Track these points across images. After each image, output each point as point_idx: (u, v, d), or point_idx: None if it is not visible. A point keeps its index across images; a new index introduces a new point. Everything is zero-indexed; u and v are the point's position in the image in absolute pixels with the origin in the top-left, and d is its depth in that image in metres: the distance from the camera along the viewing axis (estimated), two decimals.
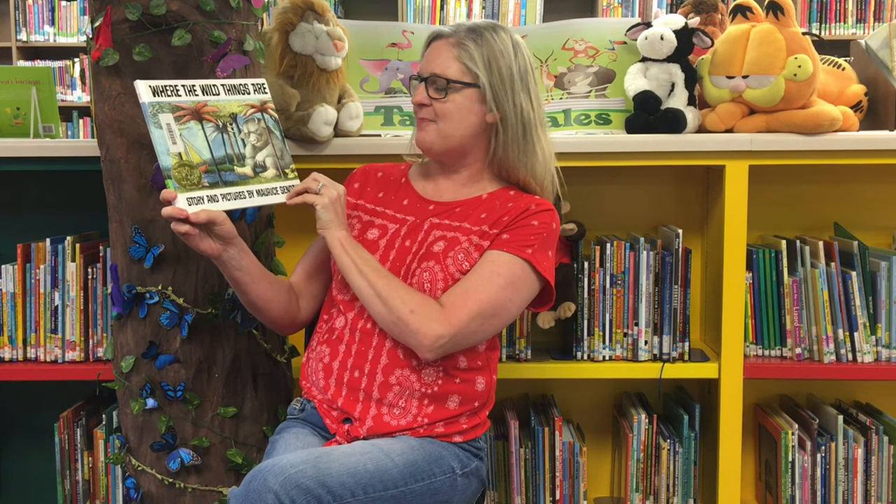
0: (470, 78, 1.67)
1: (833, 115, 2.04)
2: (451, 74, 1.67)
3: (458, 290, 1.61)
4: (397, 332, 1.59)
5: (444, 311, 1.58)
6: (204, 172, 1.57)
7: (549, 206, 1.70)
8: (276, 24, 2.00)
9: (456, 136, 1.69)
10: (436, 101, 1.67)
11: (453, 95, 1.67)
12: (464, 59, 1.67)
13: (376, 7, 5.27)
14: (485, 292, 1.60)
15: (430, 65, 1.69)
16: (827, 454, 2.14)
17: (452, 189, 1.75)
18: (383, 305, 1.58)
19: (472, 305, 1.59)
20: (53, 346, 2.14)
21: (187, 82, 1.60)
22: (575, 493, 2.17)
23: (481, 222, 1.68)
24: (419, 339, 1.57)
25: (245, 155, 1.63)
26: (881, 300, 2.12)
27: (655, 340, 2.13)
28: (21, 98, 2.44)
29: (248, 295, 1.68)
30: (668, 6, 5.16)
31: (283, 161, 1.67)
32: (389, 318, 1.59)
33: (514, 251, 1.63)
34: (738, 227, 2.08)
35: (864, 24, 5.19)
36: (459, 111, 1.68)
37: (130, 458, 1.92)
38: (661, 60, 2.12)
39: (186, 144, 1.56)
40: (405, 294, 1.59)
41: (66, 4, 5.55)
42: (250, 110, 1.61)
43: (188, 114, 1.57)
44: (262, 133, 1.63)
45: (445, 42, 1.70)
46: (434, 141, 1.69)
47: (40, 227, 2.29)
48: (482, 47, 1.67)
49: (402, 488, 1.54)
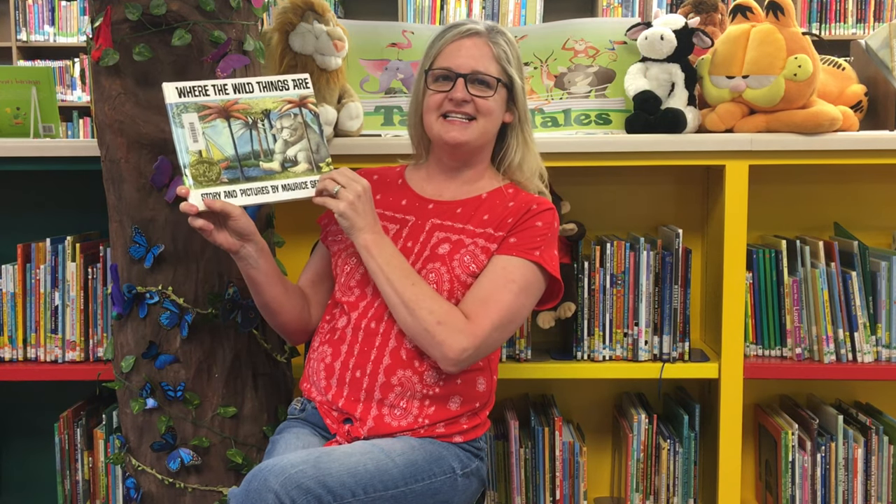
0: (506, 78, 1.70)
1: (833, 114, 2.04)
2: (494, 73, 1.69)
3: (476, 300, 1.61)
4: (423, 342, 1.59)
5: (469, 322, 1.59)
6: (224, 168, 1.58)
7: (550, 205, 1.71)
8: (276, 24, 2.00)
9: (489, 133, 1.72)
10: (478, 98, 1.68)
11: (495, 94, 1.69)
12: (502, 60, 1.70)
13: (376, 7, 5.27)
14: (503, 301, 1.61)
15: (471, 61, 1.68)
16: (827, 454, 2.14)
17: (453, 188, 1.76)
18: (409, 315, 1.58)
19: (493, 315, 1.60)
20: (53, 346, 2.14)
21: (219, 82, 1.62)
22: (575, 493, 2.17)
23: (485, 224, 1.69)
24: (444, 351, 1.57)
25: (274, 150, 1.62)
26: (881, 300, 2.12)
27: (655, 340, 2.13)
28: (21, 98, 2.44)
29: (262, 296, 1.69)
30: (668, 6, 5.16)
31: (317, 155, 1.66)
32: (415, 328, 1.58)
33: (523, 255, 1.64)
34: (738, 227, 2.08)
35: (864, 24, 5.19)
36: (498, 109, 1.71)
37: (130, 458, 1.92)
38: (661, 60, 2.12)
39: (209, 142, 1.57)
40: (432, 304, 1.58)
41: (66, 4, 5.55)
42: (287, 105, 1.61)
43: (214, 112, 1.59)
44: (298, 128, 1.62)
45: (482, 40, 1.70)
46: (473, 138, 1.70)
47: (40, 227, 2.29)
48: (511, 48, 1.72)
49: (403, 488, 1.54)
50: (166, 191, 1.81)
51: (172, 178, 1.81)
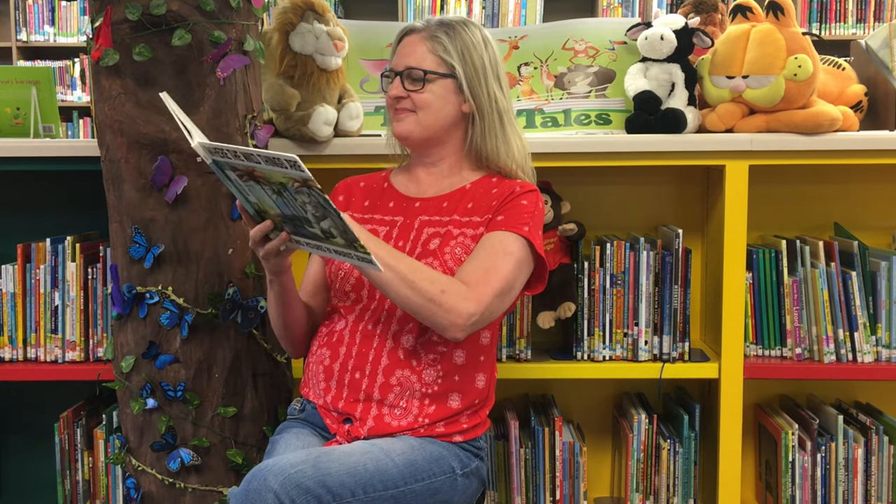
0: (445, 69, 1.70)
1: (833, 115, 2.04)
2: (427, 66, 1.70)
3: (477, 269, 1.60)
4: (428, 313, 1.56)
5: (471, 289, 1.58)
6: (282, 222, 1.53)
7: (533, 188, 1.73)
8: (276, 24, 2.00)
9: (434, 125, 1.72)
10: (413, 93, 1.70)
11: (430, 86, 1.70)
12: (438, 52, 1.70)
13: (376, 7, 5.27)
14: (503, 270, 1.61)
15: (405, 59, 1.72)
16: (827, 454, 2.14)
17: (434, 183, 1.77)
18: (410, 289, 1.55)
19: (495, 283, 1.59)
20: (53, 346, 2.14)
21: (230, 147, 1.46)
22: (575, 493, 2.17)
23: (470, 213, 1.70)
24: (452, 318, 1.55)
25: (310, 220, 1.49)
26: (881, 300, 2.12)
27: (655, 340, 2.13)
28: (21, 98, 2.44)
29: (285, 317, 1.72)
30: (668, 6, 5.16)
31: (347, 236, 1.48)
32: (419, 301, 1.55)
33: (512, 229, 1.65)
34: (738, 227, 2.08)
35: (864, 24, 5.19)
36: (437, 101, 1.70)
37: (130, 458, 1.92)
38: (661, 60, 2.12)
39: (258, 198, 1.51)
40: (431, 274, 1.58)
41: (66, 4, 5.55)
42: (295, 183, 1.42)
43: (245, 174, 1.48)
44: (318, 207, 1.45)
45: (418, 36, 1.72)
46: (412, 130, 1.71)
47: (40, 227, 2.29)
48: (455, 39, 1.71)
49: (403, 488, 1.54)
50: (166, 191, 1.81)
51: (172, 177, 1.81)
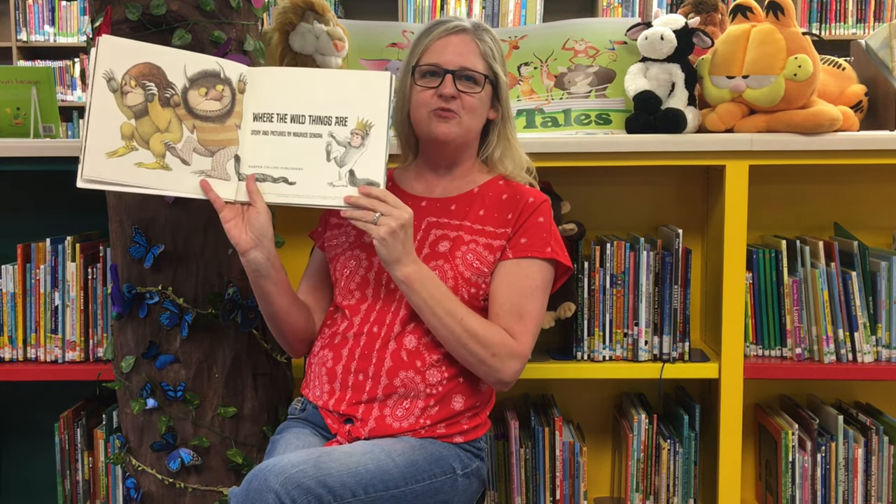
0: (492, 74, 1.71)
1: (833, 115, 2.04)
2: (481, 69, 1.69)
3: (513, 317, 1.65)
4: (477, 371, 1.64)
5: (516, 344, 1.64)
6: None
7: (545, 198, 1.75)
8: (276, 24, 2.00)
9: (472, 130, 1.73)
10: (465, 95, 1.68)
11: (481, 91, 1.69)
12: (487, 57, 1.70)
13: (376, 7, 5.27)
14: (535, 310, 1.67)
15: (459, 58, 1.68)
16: (827, 454, 2.14)
17: (442, 185, 1.77)
18: (462, 349, 1.61)
19: (530, 328, 1.66)
20: (53, 346, 2.14)
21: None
22: (575, 493, 2.17)
23: (483, 221, 1.70)
24: (500, 377, 1.64)
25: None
26: (881, 300, 2.12)
27: (655, 340, 2.13)
28: (21, 98, 2.44)
29: (271, 306, 1.67)
30: (668, 6, 5.16)
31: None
32: (469, 360, 1.62)
33: (538, 254, 1.68)
34: (738, 227, 2.08)
35: (864, 24, 5.19)
36: (481, 106, 1.71)
37: (130, 458, 1.92)
38: (661, 60, 2.12)
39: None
40: (482, 335, 1.61)
41: (66, 4, 5.55)
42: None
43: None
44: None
45: (469, 37, 1.70)
46: (459, 134, 1.70)
47: (40, 227, 2.29)
48: (496, 45, 1.72)
49: (403, 488, 1.54)
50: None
51: None
